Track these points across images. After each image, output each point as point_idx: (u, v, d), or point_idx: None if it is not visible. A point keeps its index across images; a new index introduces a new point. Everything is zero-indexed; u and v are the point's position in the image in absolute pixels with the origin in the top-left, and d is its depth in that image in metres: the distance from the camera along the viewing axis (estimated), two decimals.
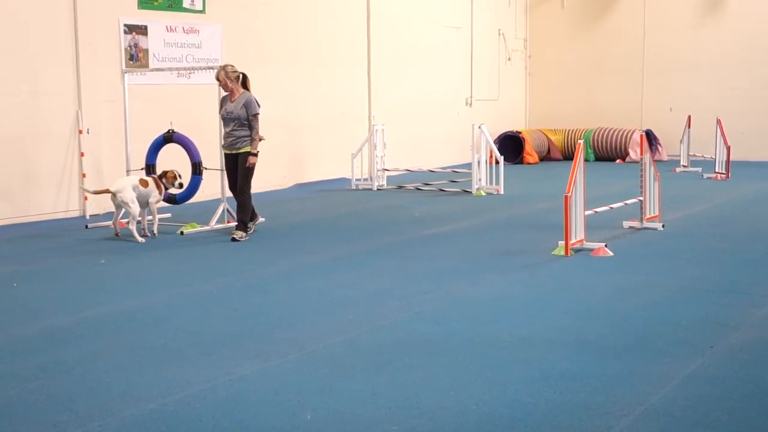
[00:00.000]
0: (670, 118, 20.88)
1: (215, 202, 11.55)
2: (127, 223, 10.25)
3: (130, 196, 10.10)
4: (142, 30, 13.19)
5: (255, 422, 4.50)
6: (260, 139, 10.33)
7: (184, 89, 13.69)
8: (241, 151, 10.28)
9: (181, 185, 10.78)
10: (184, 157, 11.39)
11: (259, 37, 15.07)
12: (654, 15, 21.30)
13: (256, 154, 10.29)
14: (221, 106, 10.40)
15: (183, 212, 12.11)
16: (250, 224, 10.41)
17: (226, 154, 10.50)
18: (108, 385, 5.09)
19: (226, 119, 10.28)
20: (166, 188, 10.71)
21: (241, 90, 10.31)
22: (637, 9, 21.50)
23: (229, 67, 10.33)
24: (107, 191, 10.37)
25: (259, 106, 10.27)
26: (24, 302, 7.25)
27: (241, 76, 10.34)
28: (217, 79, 10.27)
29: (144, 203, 10.44)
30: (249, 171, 10.31)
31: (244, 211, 10.28)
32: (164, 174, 10.68)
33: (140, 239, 10.04)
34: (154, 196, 10.51)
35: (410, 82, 18.80)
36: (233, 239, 10.07)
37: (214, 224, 10.96)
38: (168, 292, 7.55)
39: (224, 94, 10.38)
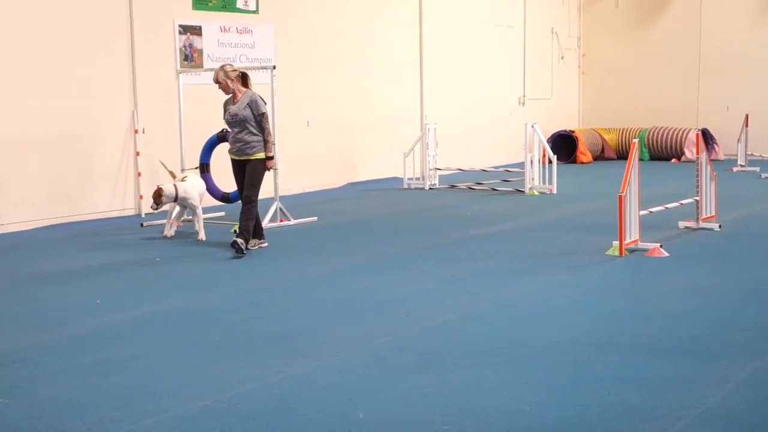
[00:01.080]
0: (726, 117, 20.55)
1: (268, 201, 11.62)
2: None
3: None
4: (196, 30, 13.32)
5: (306, 421, 4.52)
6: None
7: None
8: (252, 157, 9.40)
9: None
10: None
11: (310, 38, 15.13)
12: (710, 13, 20.97)
13: (272, 157, 9.60)
14: (225, 111, 9.61)
15: (236, 211, 12.19)
16: (254, 242, 9.48)
17: (233, 160, 9.62)
18: (161, 381, 5.15)
19: (232, 123, 9.47)
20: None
21: (243, 89, 9.52)
22: (693, 7, 21.19)
23: (228, 66, 9.58)
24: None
25: (265, 103, 9.52)
26: (79, 300, 7.36)
27: (241, 74, 9.59)
28: (217, 81, 9.49)
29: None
30: (258, 179, 9.43)
31: (249, 218, 9.30)
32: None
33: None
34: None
35: (462, 81, 18.74)
36: (234, 244, 9.05)
37: (267, 223, 11.02)
38: (220, 290, 7.61)
39: (226, 97, 9.64)
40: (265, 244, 9.61)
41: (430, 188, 15.44)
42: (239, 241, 9.06)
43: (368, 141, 16.35)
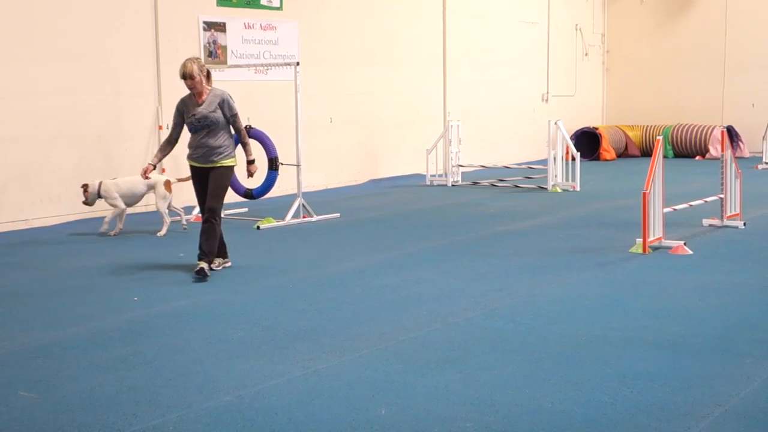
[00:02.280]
0: (752, 114, 20.41)
1: (291, 197, 11.66)
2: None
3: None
4: (220, 27, 13.38)
5: (330, 416, 4.53)
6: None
7: (261, 85, 13.85)
8: (218, 164, 8.11)
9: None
10: (260, 152, 11.52)
11: (334, 34, 15.17)
12: (735, 9, 20.82)
13: (254, 161, 8.43)
14: (185, 111, 8.10)
15: (259, 207, 12.26)
16: (217, 261, 8.28)
17: (194, 168, 8.22)
18: (186, 377, 5.19)
19: (197, 126, 8.05)
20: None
21: (209, 88, 8.16)
22: (718, 3, 21.04)
23: (200, 60, 8.16)
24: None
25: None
26: (104, 295, 7.41)
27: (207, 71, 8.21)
28: (190, 75, 7.90)
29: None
30: (224, 189, 8.18)
31: (212, 236, 8.03)
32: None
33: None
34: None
35: (486, 78, 18.71)
36: (200, 271, 7.86)
37: (290, 219, 11.07)
38: (244, 287, 7.65)
39: (185, 95, 8.23)
40: (229, 264, 8.43)
41: (453, 185, 15.44)
42: (204, 267, 7.91)
43: (391, 137, 16.36)
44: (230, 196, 12.16)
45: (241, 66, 12.81)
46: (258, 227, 10.77)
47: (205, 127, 8.07)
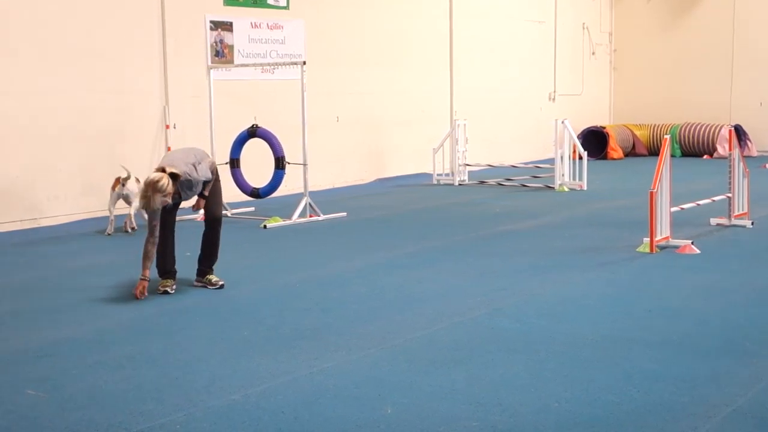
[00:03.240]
0: (760, 112, 20.36)
1: (297, 196, 11.66)
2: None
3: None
4: (227, 26, 13.39)
5: (335, 415, 4.53)
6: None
7: (267, 85, 13.85)
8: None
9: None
10: (267, 151, 11.53)
11: (340, 34, 15.17)
12: (743, 7, 20.77)
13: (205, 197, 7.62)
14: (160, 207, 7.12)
15: (266, 206, 12.26)
16: (165, 282, 7.46)
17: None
18: (192, 375, 5.19)
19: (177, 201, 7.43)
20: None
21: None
22: (726, 2, 20.99)
23: (159, 183, 6.91)
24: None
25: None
26: (111, 293, 7.42)
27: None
28: (163, 203, 7.06)
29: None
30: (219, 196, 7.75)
31: (217, 249, 7.70)
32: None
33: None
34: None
35: (492, 77, 18.69)
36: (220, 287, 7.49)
37: (296, 218, 11.07)
38: (250, 286, 7.65)
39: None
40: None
41: (460, 184, 15.43)
42: (218, 282, 7.54)
43: (398, 136, 16.35)
44: (237, 195, 12.20)
45: (247, 65, 12.82)
46: (265, 226, 10.77)
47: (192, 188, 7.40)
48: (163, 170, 7.04)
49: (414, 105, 16.72)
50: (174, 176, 7.05)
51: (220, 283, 7.53)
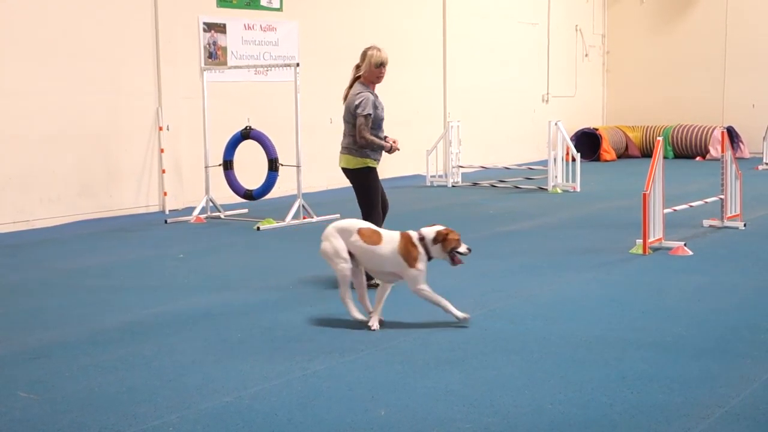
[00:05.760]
0: (752, 114, 20.41)
1: (291, 198, 11.65)
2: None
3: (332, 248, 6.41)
4: (221, 28, 13.38)
5: (329, 417, 4.53)
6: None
7: (261, 86, 13.85)
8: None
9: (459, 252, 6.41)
10: (260, 153, 11.53)
11: (334, 35, 15.16)
12: (736, 10, 20.83)
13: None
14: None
15: (259, 208, 12.25)
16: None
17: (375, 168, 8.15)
18: (185, 377, 5.18)
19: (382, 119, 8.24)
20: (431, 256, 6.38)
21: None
22: (719, 4, 21.05)
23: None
24: None
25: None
26: (104, 296, 7.41)
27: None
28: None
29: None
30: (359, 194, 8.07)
31: None
32: (442, 236, 6.27)
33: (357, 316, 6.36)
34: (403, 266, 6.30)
35: (486, 79, 18.70)
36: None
37: (289, 220, 11.06)
38: (244, 288, 7.64)
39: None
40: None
41: (453, 186, 15.44)
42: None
43: (392, 137, 16.31)
44: (231, 197, 12.19)
45: (241, 67, 12.82)
46: (258, 228, 10.77)
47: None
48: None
49: (408, 107, 16.71)
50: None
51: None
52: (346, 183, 8.01)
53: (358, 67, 8.25)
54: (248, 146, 11.81)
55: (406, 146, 16.45)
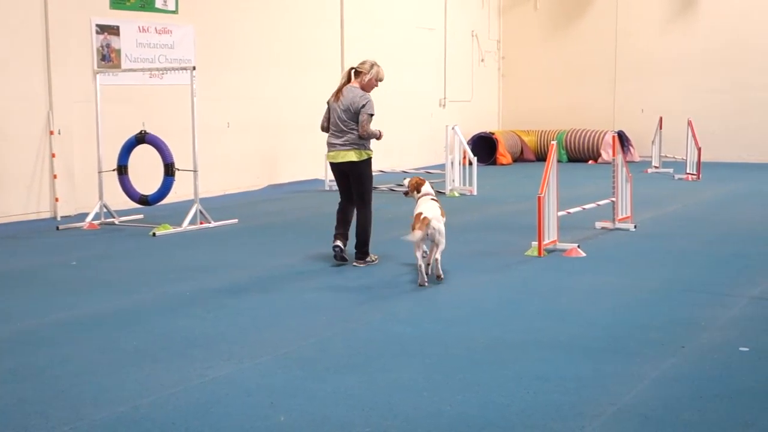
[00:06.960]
0: (641, 119, 21.04)
1: (187, 203, 11.49)
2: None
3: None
4: (114, 30, 13.10)
5: (228, 424, 4.48)
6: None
7: (156, 90, 13.61)
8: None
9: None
10: (156, 158, 11.33)
11: (230, 39, 15.02)
12: (626, 17, 21.45)
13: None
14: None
15: (155, 214, 12.04)
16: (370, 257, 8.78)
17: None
18: (79, 388, 5.05)
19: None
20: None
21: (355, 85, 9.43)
22: (610, 11, 21.65)
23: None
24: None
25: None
26: None
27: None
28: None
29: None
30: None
31: (369, 229, 8.92)
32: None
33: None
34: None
35: (384, 83, 18.71)
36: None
37: (186, 225, 10.91)
38: (139, 294, 7.50)
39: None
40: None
41: None
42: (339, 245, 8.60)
43: (291, 142, 16.29)
44: (125, 203, 11.95)
45: (135, 70, 12.57)
46: (154, 234, 10.58)
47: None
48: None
49: (307, 110, 16.62)
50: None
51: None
52: (244, 187, 7.91)
53: (354, 72, 9.46)
54: (144, 151, 11.59)
55: (306, 150, 16.49)
